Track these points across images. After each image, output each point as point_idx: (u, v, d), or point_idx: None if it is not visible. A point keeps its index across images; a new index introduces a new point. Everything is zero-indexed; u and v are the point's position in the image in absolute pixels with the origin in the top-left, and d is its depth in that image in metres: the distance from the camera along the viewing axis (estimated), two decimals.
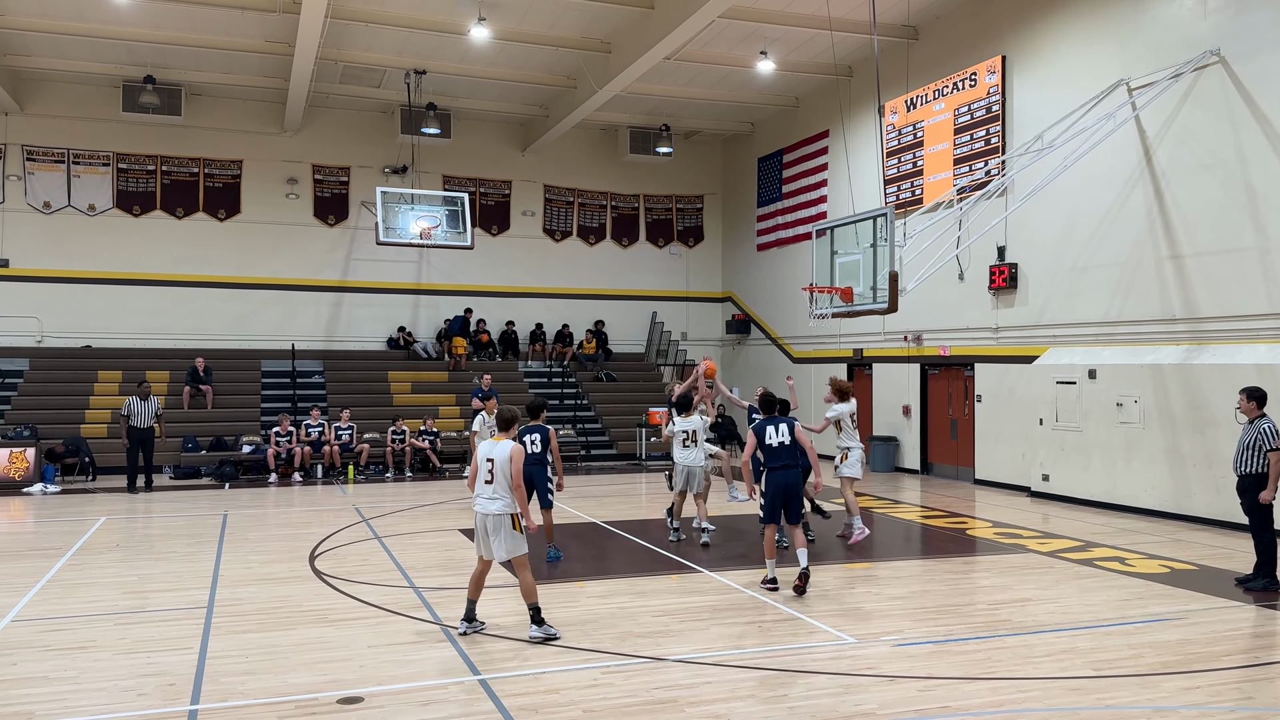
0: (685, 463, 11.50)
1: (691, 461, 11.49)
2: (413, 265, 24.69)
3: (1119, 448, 14.24)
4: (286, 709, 5.99)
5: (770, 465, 9.16)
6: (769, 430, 9.20)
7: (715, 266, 27.63)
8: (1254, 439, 9.16)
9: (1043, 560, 10.70)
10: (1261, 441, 9.08)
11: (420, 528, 13.02)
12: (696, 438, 11.50)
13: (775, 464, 9.12)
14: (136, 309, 22.54)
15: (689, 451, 11.51)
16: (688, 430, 11.53)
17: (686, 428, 11.54)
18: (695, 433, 11.50)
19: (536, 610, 7.50)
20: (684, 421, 11.57)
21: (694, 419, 11.58)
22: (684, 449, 11.53)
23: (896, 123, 19.73)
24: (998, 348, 17.27)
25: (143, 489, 16.83)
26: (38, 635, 7.66)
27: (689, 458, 11.50)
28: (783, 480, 9.06)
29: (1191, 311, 13.71)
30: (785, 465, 9.11)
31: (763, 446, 9.21)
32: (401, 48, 19.89)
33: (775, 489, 9.06)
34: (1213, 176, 13.36)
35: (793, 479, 9.11)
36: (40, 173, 22.10)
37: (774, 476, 9.09)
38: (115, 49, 19.87)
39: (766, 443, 9.18)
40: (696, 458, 11.51)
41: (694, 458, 11.50)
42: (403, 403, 22.11)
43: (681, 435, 11.56)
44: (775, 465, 9.12)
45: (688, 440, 11.52)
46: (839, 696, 6.23)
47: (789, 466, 9.11)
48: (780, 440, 9.15)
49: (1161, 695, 6.27)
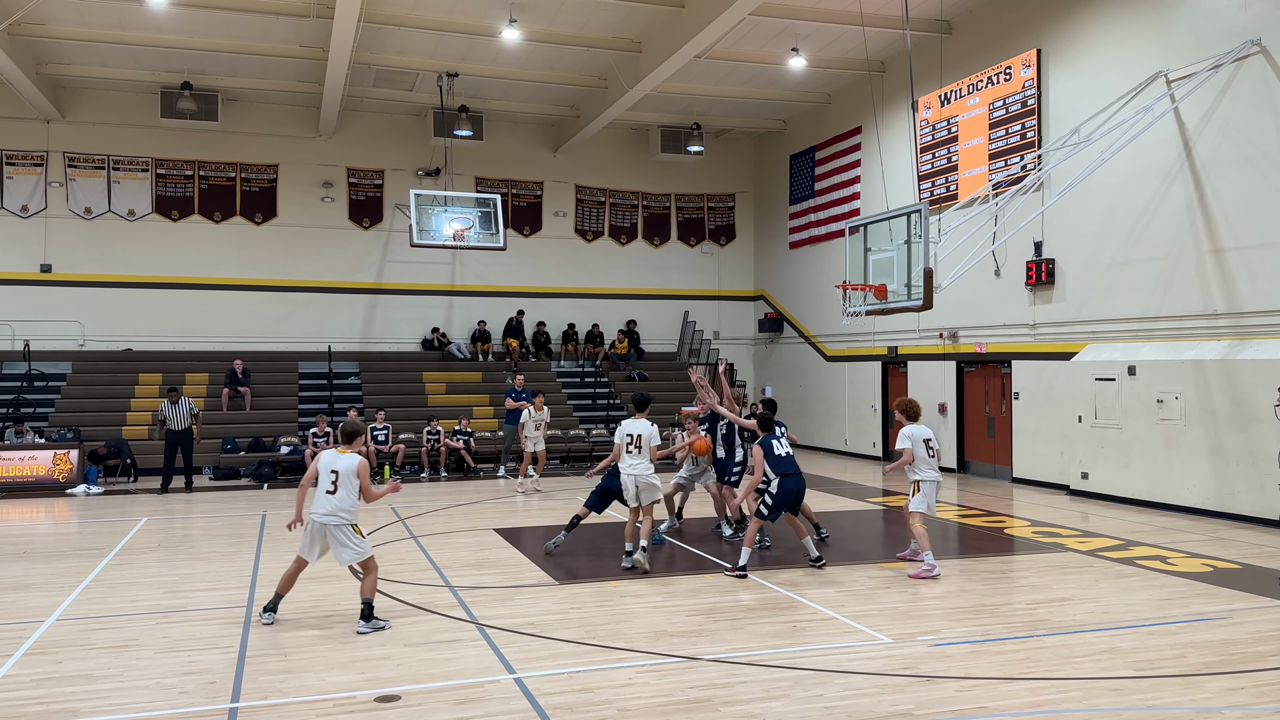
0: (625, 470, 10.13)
1: (634, 472, 10.06)
2: (446, 267, 24.85)
3: (1160, 445, 14.02)
4: (325, 707, 6.05)
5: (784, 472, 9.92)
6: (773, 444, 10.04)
7: (747, 265, 27.54)
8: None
9: (1082, 559, 10.56)
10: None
11: (455, 527, 13.10)
12: (641, 444, 10.10)
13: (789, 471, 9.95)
14: (175, 312, 22.88)
15: (630, 459, 10.13)
16: (632, 434, 10.15)
17: (631, 431, 10.19)
18: (640, 437, 10.09)
19: (369, 606, 7.83)
20: (632, 424, 10.25)
21: (642, 422, 10.21)
22: (626, 454, 10.16)
23: (930, 118, 19.56)
24: (1035, 344, 17.07)
25: (183, 490, 17.08)
26: (82, 634, 7.79)
27: (630, 466, 10.10)
28: (795, 486, 9.94)
29: (1233, 306, 13.47)
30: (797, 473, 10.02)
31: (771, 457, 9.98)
32: (434, 51, 20.02)
33: (786, 493, 9.90)
34: (1255, 168, 13.12)
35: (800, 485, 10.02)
36: (81, 179, 22.49)
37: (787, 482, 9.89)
38: (153, 56, 20.19)
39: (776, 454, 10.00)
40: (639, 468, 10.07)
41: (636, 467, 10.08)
42: (437, 403, 22.25)
43: (626, 439, 10.20)
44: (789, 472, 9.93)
45: (631, 445, 10.15)
46: (875, 697, 6.19)
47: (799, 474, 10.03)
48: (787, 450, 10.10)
49: (1205, 696, 6.16)
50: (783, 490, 9.80)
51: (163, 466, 17.17)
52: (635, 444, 10.10)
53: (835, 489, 16.98)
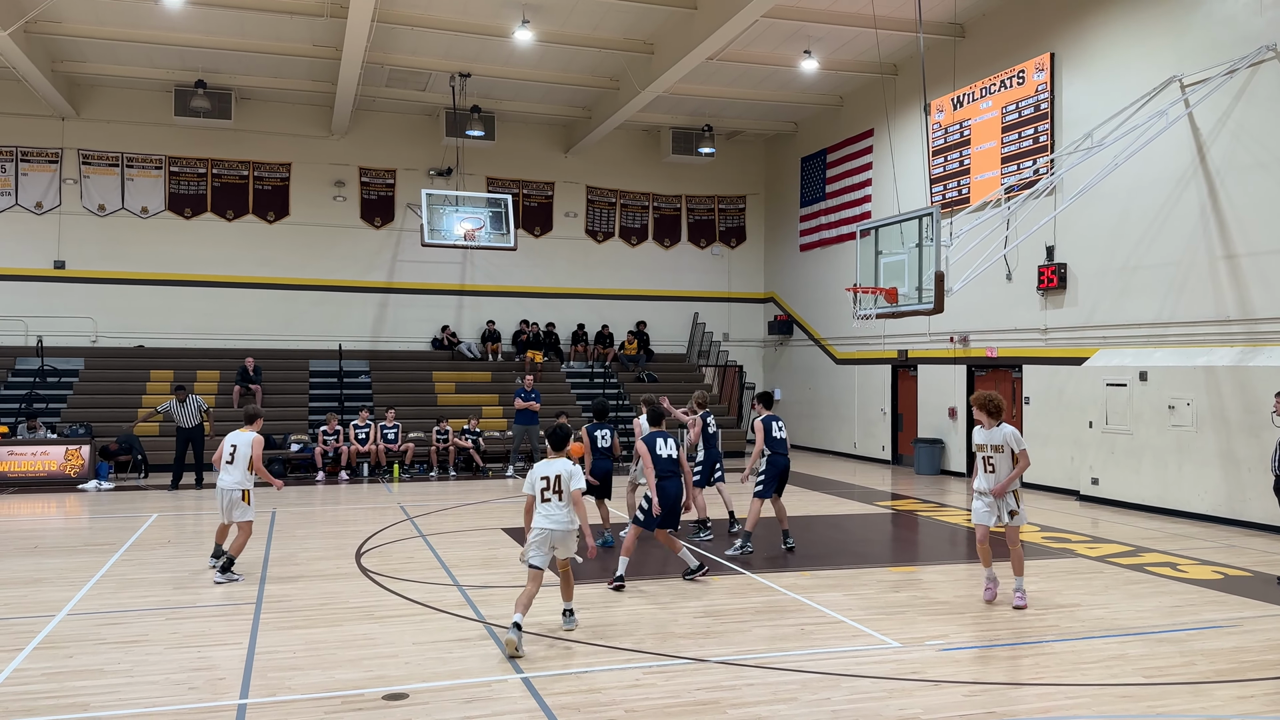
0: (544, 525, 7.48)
1: (550, 523, 7.44)
2: (457, 266, 24.90)
3: (1171, 451, 13.96)
4: (333, 704, 6.07)
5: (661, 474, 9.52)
6: (658, 442, 9.60)
7: (757, 267, 27.53)
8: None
9: (1092, 565, 10.52)
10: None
11: (464, 526, 13.12)
12: (559, 486, 7.45)
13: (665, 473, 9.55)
14: (187, 309, 22.98)
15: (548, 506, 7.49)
16: (548, 477, 7.48)
17: (547, 473, 7.49)
18: (559, 478, 7.44)
19: (231, 561, 9.61)
20: (544, 465, 7.56)
21: (560, 462, 7.50)
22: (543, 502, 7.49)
23: (943, 121, 19.52)
24: (1046, 349, 17.02)
25: (194, 486, 17.15)
26: (93, 629, 7.83)
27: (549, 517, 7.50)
28: (672, 489, 9.55)
29: (1247, 312, 13.40)
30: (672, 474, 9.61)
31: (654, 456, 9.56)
32: (446, 51, 20.07)
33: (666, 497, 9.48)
34: (1269, 174, 13.06)
35: (674, 488, 9.58)
36: (95, 176, 22.62)
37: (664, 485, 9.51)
38: (167, 54, 20.29)
39: (657, 454, 9.55)
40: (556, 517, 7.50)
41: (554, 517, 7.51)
42: (447, 402, 22.30)
43: (541, 484, 7.50)
44: (665, 475, 9.54)
45: (547, 490, 7.48)
46: (883, 701, 6.18)
47: (674, 475, 9.62)
48: (669, 453, 9.59)
49: (1215, 704, 6.14)
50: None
51: (174, 463, 17.25)
52: (554, 488, 7.42)
53: (845, 492, 16.95)
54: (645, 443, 9.57)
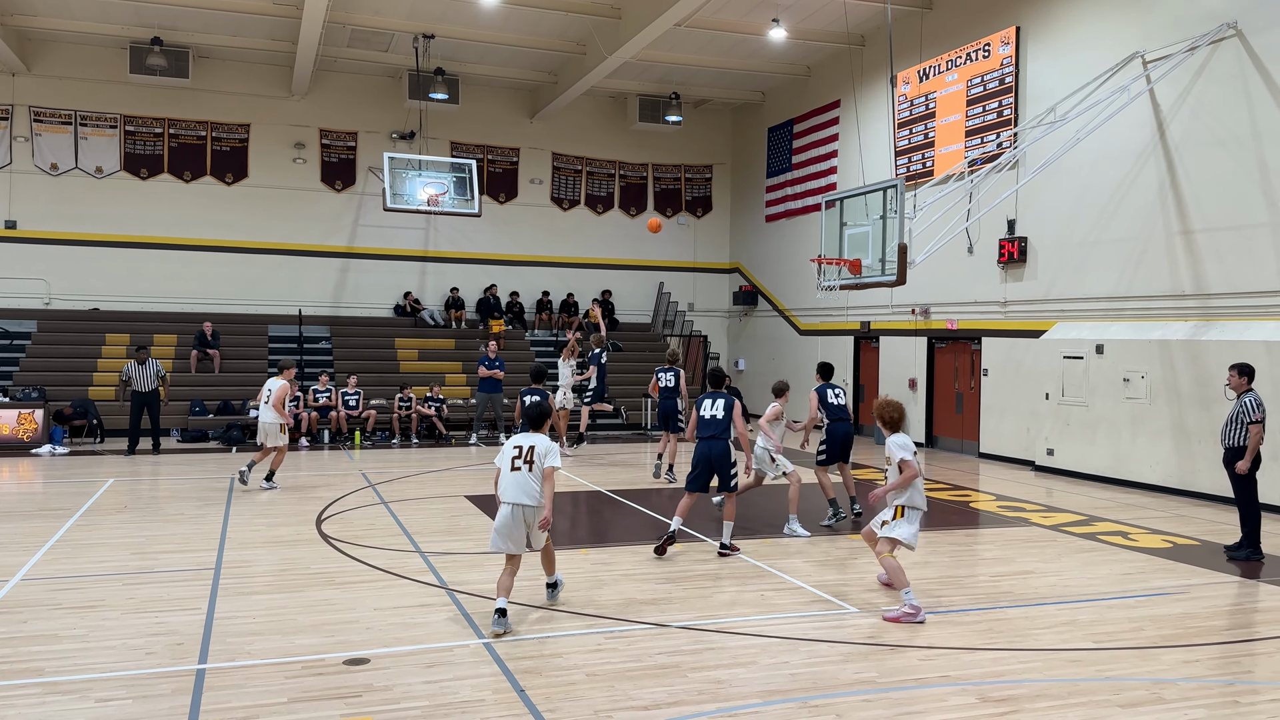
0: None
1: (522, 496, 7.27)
2: (420, 232, 24.65)
3: (1125, 423, 14.23)
4: (293, 669, 6.06)
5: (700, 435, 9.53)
6: (705, 403, 9.56)
7: (723, 237, 27.53)
8: (1236, 410, 9.47)
9: (1046, 534, 10.73)
10: (1244, 414, 9.30)
11: (426, 493, 13.09)
12: (531, 457, 7.27)
13: (704, 434, 9.50)
14: (144, 272, 22.57)
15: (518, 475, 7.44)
16: (521, 447, 7.34)
17: (520, 443, 7.43)
18: (531, 449, 7.22)
19: (272, 474, 12.81)
20: (519, 437, 7.53)
21: (536, 436, 7.32)
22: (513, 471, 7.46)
23: (909, 93, 19.56)
24: (1006, 322, 17.23)
25: (150, 451, 16.94)
26: (47, 594, 7.74)
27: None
28: (706, 450, 9.43)
29: (1201, 287, 13.64)
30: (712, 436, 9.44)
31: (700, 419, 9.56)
32: (410, 11, 19.73)
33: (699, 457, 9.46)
34: (1226, 151, 13.25)
35: (717, 449, 9.40)
36: (47, 134, 22.05)
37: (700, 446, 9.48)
38: (122, 10, 19.76)
39: (701, 414, 9.54)
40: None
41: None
42: (409, 370, 22.15)
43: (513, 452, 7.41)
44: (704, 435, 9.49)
45: (518, 459, 7.41)
46: (840, 665, 6.28)
47: (715, 438, 9.43)
48: (712, 414, 9.48)
49: (1161, 668, 6.31)
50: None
51: (129, 428, 17.01)
52: (525, 458, 7.13)
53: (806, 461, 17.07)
54: (697, 403, 9.73)
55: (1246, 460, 9.36)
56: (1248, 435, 9.35)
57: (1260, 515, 9.60)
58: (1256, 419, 9.30)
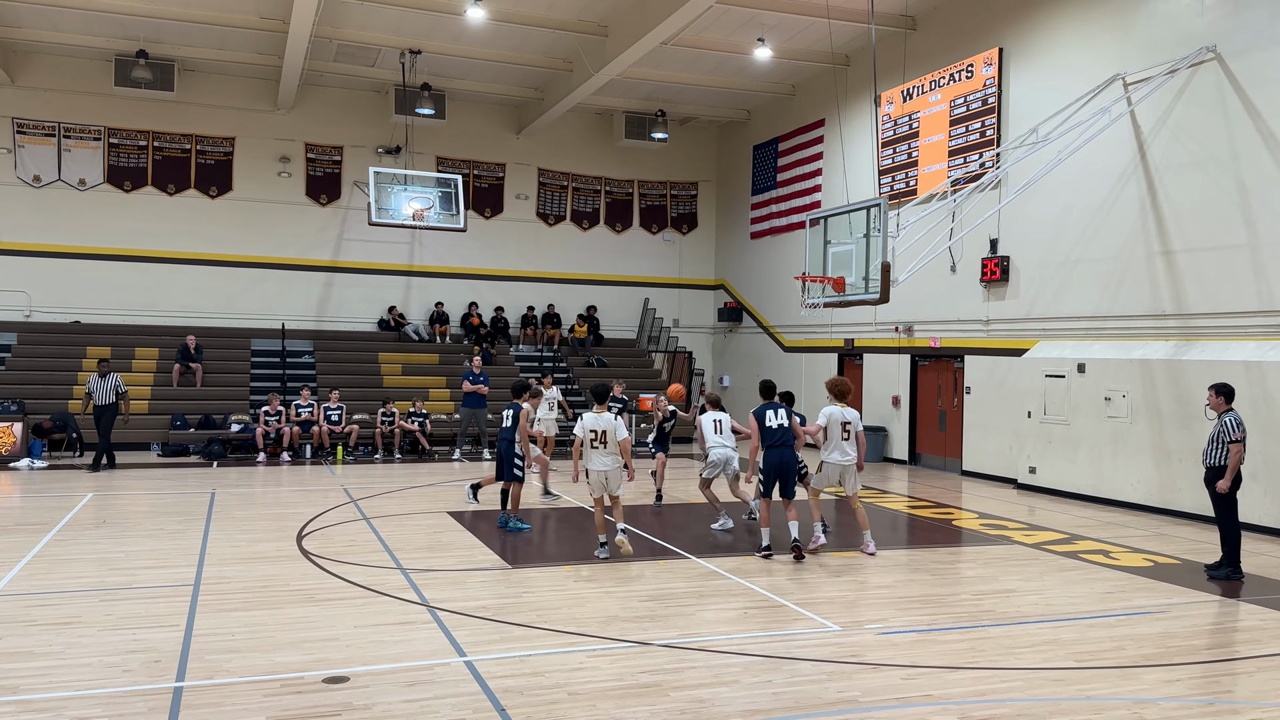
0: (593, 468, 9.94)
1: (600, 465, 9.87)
2: (405, 247, 24.61)
3: (1106, 441, 14.31)
4: (272, 687, 6.00)
5: (768, 444, 10.19)
6: (768, 414, 10.24)
7: (708, 254, 27.60)
8: (1217, 430, 9.54)
9: (1028, 552, 10.76)
10: (1224, 433, 9.36)
11: (408, 509, 13.02)
12: (605, 439, 9.83)
13: (773, 442, 10.18)
14: (126, 285, 22.43)
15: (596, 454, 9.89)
16: (595, 430, 9.85)
17: (595, 427, 9.87)
18: (604, 433, 9.82)
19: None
20: (591, 419, 9.92)
21: (604, 417, 9.91)
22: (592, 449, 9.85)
23: (892, 113, 19.71)
24: (988, 340, 17.32)
25: (105, 467, 16.58)
26: (23, 610, 7.64)
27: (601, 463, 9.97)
28: (778, 459, 10.13)
29: (1181, 307, 13.76)
30: (781, 444, 10.19)
31: (763, 429, 10.20)
32: (396, 27, 19.76)
33: (771, 466, 10.13)
34: (1205, 173, 13.40)
35: (788, 458, 10.18)
36: (30, 146, 21.93)
37: (771, 455, 10.15)
38: (107, 22, 19.70)
39: (767, 425, 10.20)
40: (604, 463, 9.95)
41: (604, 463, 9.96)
42: (393, 384, 22.08)
43: (591, 435, 9.85)
44: (773, 444, 10.17)
45: (595, 441, 9.84)
46: (823, 683, 6.27)
47: (784, 445, 10.20)
48: (779, 423, 10.21)
49: (1142, 687, 6.32)
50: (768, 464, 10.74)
51: (97, 443, 16.74)
52: (600, 440, 9.74)
53: None
54: (755, 415, 10.27)
55: (1227, 479, 9.43)
56: (1228, 455, 9.42)
57: (1240, 534, 9.66)
58: (1237, 438, 9.37)
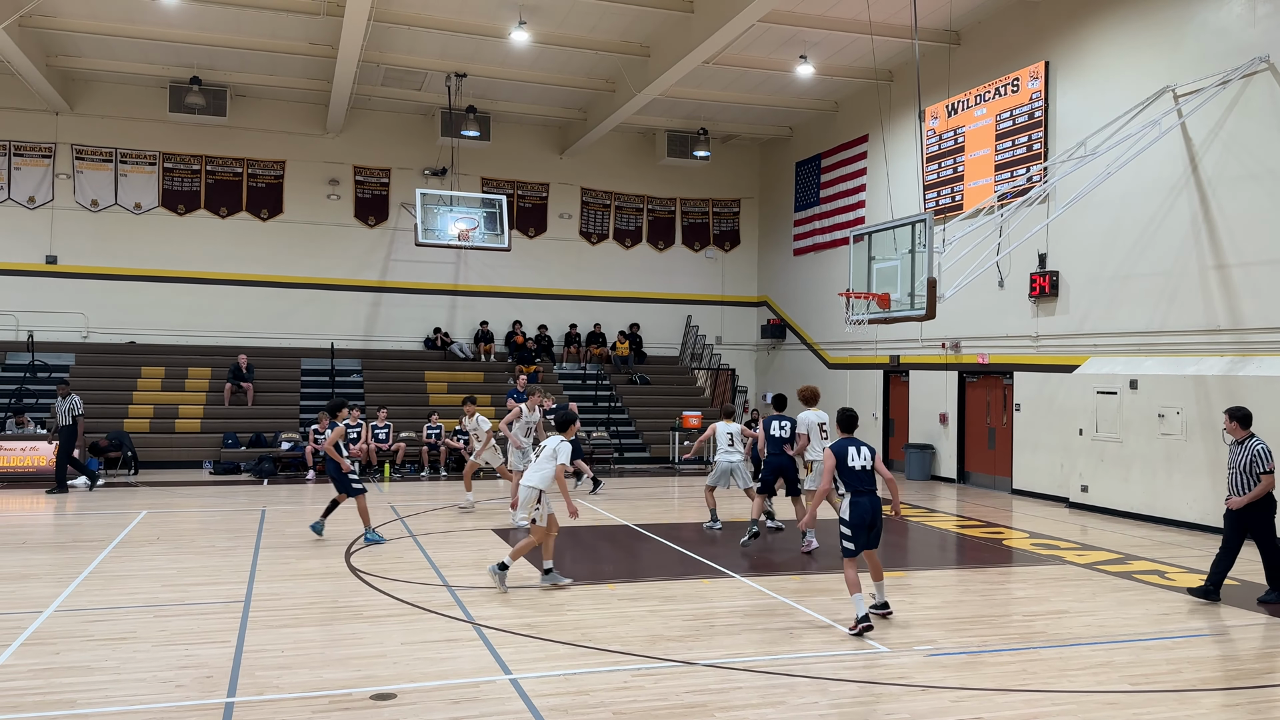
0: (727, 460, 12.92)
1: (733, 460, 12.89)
2: (450, 266, 24.88)
3: (1160, 459, 14.02)
4: (320, 704, 6.06)
5: (855, 488, 8.14)
6: (850, 451, 8.17)
7: (751, 270, 27.56)
8: (1247, 461, 9.07)
9: (1080, 572, 10.56)
10: (1257, 464, 8.99)
11: (454, 527, 13.11)
12: (734, 439, 13.01)
13: (861, 487, 8.13)
14: (179, 306, 22.92)
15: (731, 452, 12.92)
16: (731, 432, 12.99)
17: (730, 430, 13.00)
18: (733, 435, 13.03)
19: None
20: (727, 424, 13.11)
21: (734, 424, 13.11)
22: (728, 449, 12.91)
23: (937, 128, 19.58)
24: (1037, 356, 17.07)
25: (56, 490, 16.13)
26: (80, 625, 7.81)
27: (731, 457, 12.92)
28: (869, 506, 8.11)
29: (1236, 322, 13.47)
30: (870, 490, 8.16)
31: (843, 470, 8.17)
32: (442, 51, 20.06)
33: (859, 519, 8.06)
34: (1260, 185, 13.13)
35: (876, 505, 8.17)
36: (88, 171, 22.55)
37: (860, 503, 8.09)
38: (162, 50, 20.24)
39: (849, 465, 8.14)
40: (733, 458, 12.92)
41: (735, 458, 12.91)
42: (439, 402, 22.27)
43: (726, 436, 12.94)
44: (859, 491, 8.13)
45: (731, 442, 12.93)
46: (870, 705, 6.19)
47: (872, 491, 8.17)
48: (863, 464, 8.15)
49: (1200, 712, 6.16)
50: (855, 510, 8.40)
51: (74, 464, 16.56)
52: (732, 441, 12.84)
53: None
54: (834, 451, 8.22)
55: (1244, 500, 9.04)
56: (1258, 483, 9.02)
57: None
58: (1269, 469, 9.00)
